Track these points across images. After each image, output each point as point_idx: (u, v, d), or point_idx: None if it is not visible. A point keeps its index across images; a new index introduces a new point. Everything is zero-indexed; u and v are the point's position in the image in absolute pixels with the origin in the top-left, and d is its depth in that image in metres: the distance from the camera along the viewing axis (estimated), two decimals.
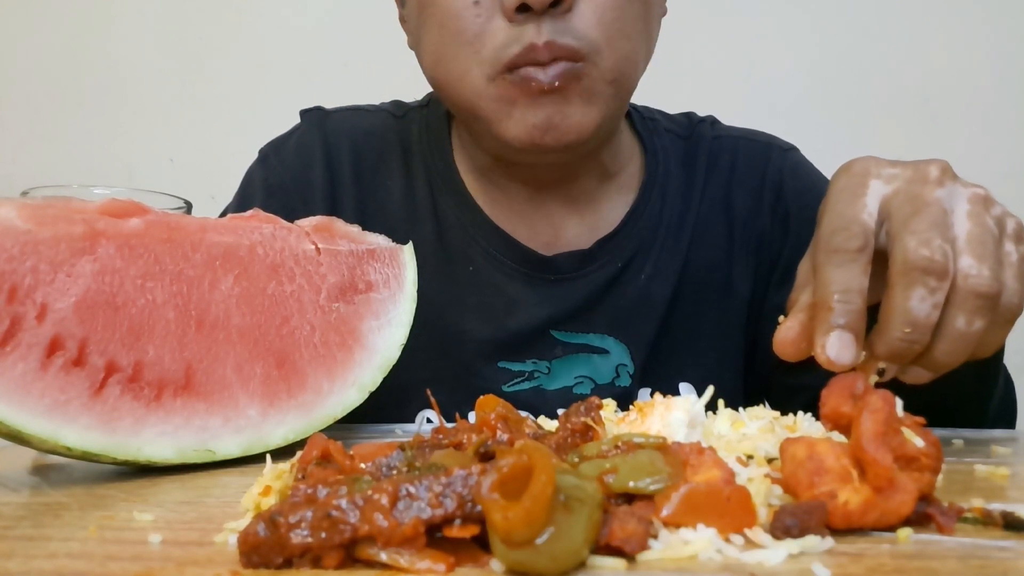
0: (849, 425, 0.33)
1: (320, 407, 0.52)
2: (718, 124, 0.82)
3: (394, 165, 0.77)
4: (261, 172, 0.78)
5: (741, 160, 0.79)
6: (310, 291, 0.54)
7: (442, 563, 0.26)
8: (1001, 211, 0.44)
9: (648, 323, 0.73)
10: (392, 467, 0.33)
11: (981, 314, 0.41)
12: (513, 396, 0.71)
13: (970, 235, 0.41)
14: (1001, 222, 0.43)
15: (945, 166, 0.44)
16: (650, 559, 0.27)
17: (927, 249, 0.40)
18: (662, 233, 0.75)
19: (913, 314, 0.40)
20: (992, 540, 0.28)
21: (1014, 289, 0.42)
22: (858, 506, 0.29)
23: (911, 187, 0.43)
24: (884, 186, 0.43)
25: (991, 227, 0.42)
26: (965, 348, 0.41)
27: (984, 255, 0.41)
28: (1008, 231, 0.43)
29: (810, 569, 0.25)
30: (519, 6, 0.60)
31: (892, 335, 0.40)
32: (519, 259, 0.73)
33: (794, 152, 0.81)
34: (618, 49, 0.63)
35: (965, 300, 0.40)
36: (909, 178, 0.43)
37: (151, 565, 0.28)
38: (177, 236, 0.50)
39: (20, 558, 0.29)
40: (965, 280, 0.40)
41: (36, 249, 0.44)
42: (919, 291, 0.40)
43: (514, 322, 0.72)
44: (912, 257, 0.40)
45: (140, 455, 0.45)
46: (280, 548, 0.27)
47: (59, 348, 0.44)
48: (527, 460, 0.26)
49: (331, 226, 0.58)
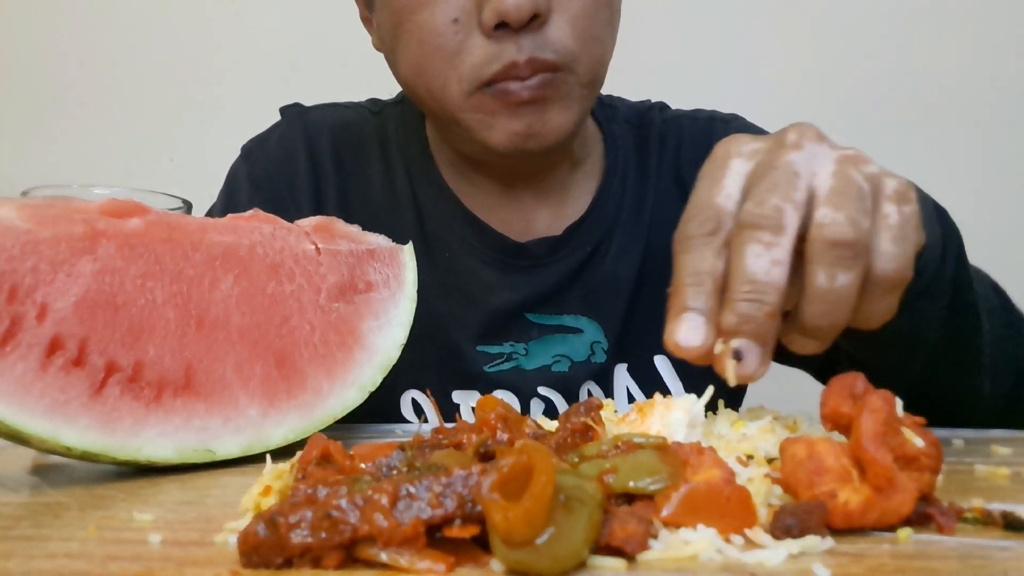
0: (849, 425, 0.33)
1: (320, 407, 0.52)
2: (667, 108, 0.85)
3: (373, 156, 0.80)
4: (246, 167, 0.81)
5: (687, 138, 0.81)
6: (310, 291, 0.54)
7: (442, 563, 0.26)
8: (877, 170, 0.40)
9: (618, 302, 0.76)
10: (392, 467, 0.33)
11: (842, 266, 0.37)
12: (495, 377, 0.74)
13: (830, 189, 0.38)
14: (876, 180, 0.40)
15: (807, 129, 0.41)
16: (650, 559, 0.27)
17: (759, 207, 0.37)
18: (624, 218, 0.78)
19: (750, 271, 0.37)
20: (992, 540, 0.28)
21: (890, 253, 0.38)
22: (858, 506, 0.29)
23: (767, 157, 0.40)
24: (745, 163, 0.41)
25: (858, 182, 0.39)
26: (836, 308, 0.38)
27: (842, 204, 0.38)
28: (886, 191, 0.40)
29: (810, 569, 0.25)
30: (498, 24, 0.61)
31: (733, 298, 0.37)
32: (493, 246, 0.76)
33: (736, 119, 0.83)
34: (592, 54, 0.65)
35: (822, 253, 0.37)
36: (767, 149, 0.41)
37: (151, 565, 0.28)
38: (177, 236, 0.50)
39: (20, 558, 0.29)
40: (819, 230, 0.37)
41: (36, 249, 0.44)
42: (753, 247, 0.37)
43: (490, 307, 0.75)
44: (743, 217, 0.38)
45: (140, 455, 0.45)
46: (280, 548, 0.27)
47: (59, 348, 0.44)
48: (527, 460, 0.26)
49: (331, 226, 0.58)
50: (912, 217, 0.39)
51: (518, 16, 0.60)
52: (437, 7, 0.63)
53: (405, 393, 0.74)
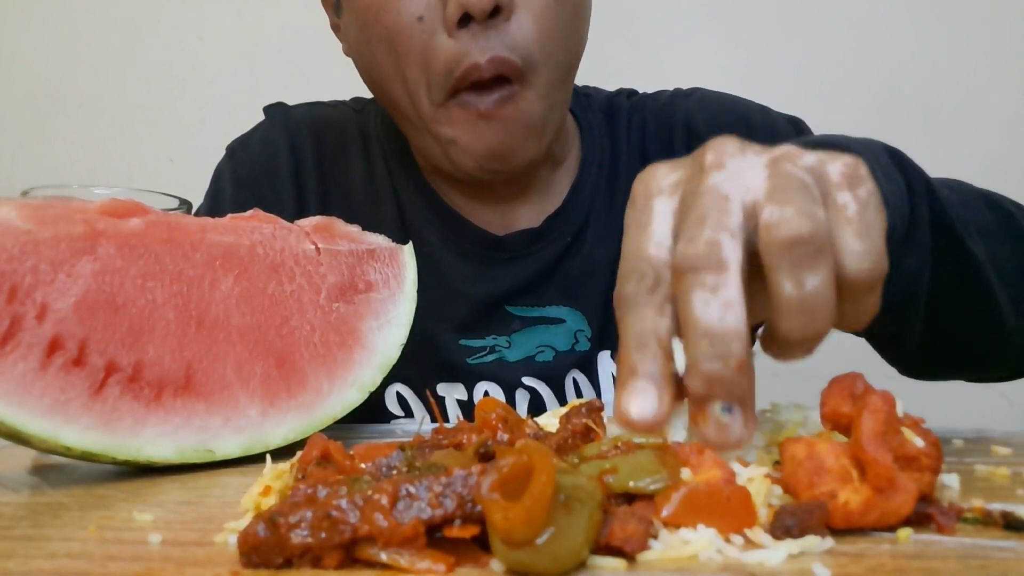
0: (849, 425, 0.33)
1: (320, 407, 0.52)
2: (636, 94, 0.86)
3: (354, 151, 0.81)
4: (229, 166, 0.82)
5: (650, 117, 0.81)
6: (310, 291, 0.54)
7: (442, 563, 0.26)
8: (815, 160, 0.35)
9: (598, 288, 0.76)
10: (392, 467, 0.33)
11: (806, 267, 0.32)
12: (478, 369, 0.75)
13: (768, 191, 0.33)
14: (818, 169, 0.35)
15: (725, 144, 0.36)
16: (650, 559, 0.27)
17: (691, 246, 0.33)
18: (599, 202, 0.78)
19: (702, 323, 0.32)
20: (992, 540, 0.28)
21: (859, 251, 0.33)
22: (858, 506, 0.29)
23: (690, 186, 0.35)
24: (668, 200, 0.36)
25: (799, 175, 0.34)
26: (813, 316, 0.32)
27: (787, 199, 0.33)
28: (833, 178, 0.35)
29: (810, 569, 0.25)
30: (461, 18, 0.61)
31: (694, 359, 0.32)
32: (473, 241, 0.76)
33: (697, 90, 0.84)
34: (555, 53, 0.66)
35: (779, 255, 0.32)
36: (688, 177, 0.36)
37: (151, 565, 0.28)
38: (177, 236, 0.50)
39: (20, 558, 0.29)
40: (769, 232, 0.32)
41: (36, 249, 0.44)
42: (698, 294, 0.32)
43: (471, 301, 0.75)
44: (678, 262, 0.33)
45: (140, 455, 0.45)
46: (280, 548, 0.27)
47: (59, 348, 0.44)
48: (527, 460, 0.26)
49: (331, 226, 0.58)
50: (871, 199, 0.34)
51: (480, 7, 0.60)
52: (402, 6, 0.63)
53: (390, 387, 0.74)
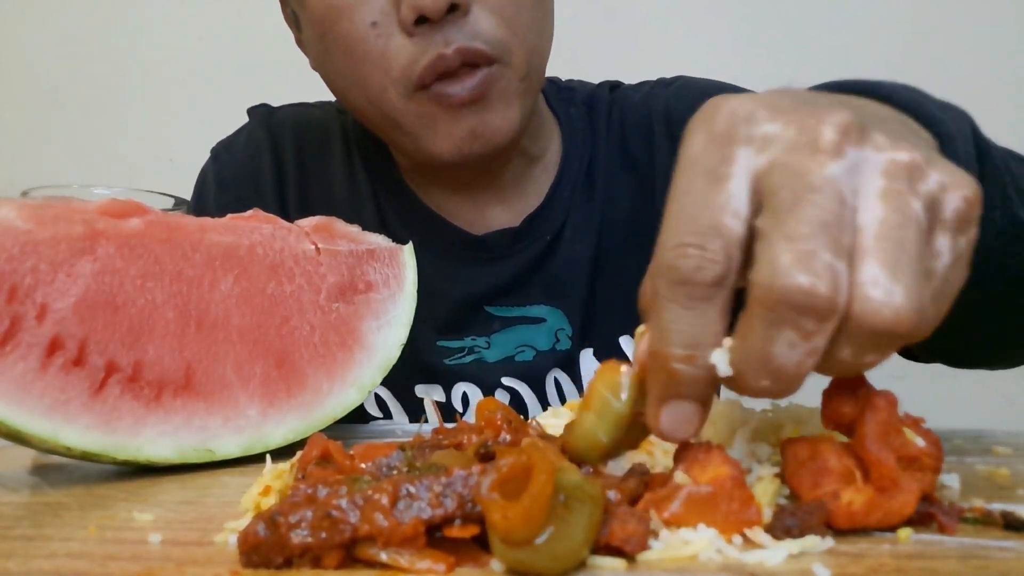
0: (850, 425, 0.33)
1: (320, 407, 0.52)
2: (618, 86, 0.84)
3: (336, 153, 0.81)
4: (214, 168, 0.82)
5: (629, 109, 0.80)
6: (310, 291, 0.54)
7: (442, 563, 0.26)
8: (936, 184, 0.28)
9: (578, 285, 0.75)
10: (392, 467, 0.33)
11: (878, 351, 0.28)
12: (456, 370, 0.74)
13: (881, 228, 0.27)
14: (934, 202, 0.28)
15: (845, 121, 0.28)
16: (650, 559, 0.27)
17: (805, 274, 0.26)
18: (578, 197, 0.77)
19: (776, 363, 0.27)
20: (992, 540, 0.28)
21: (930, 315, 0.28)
22: (862, 506, 0.28)
23: (793, 159, 0.28)
24: (756, 156, 0.29)
25: (916, 213, 0.28)
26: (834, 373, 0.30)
27: (899, 264, 0.27)
28: (945, 215, 0.29)
29: (810, 569, 0.25)
30: (417, 19, 0.60)
31: (747, 385, 0.28)
32: (452, 241, 0.76)
33: (680, 78, 0.83)
34: (525, 42, 0.65)
35: (858, 334, 0.27)
36: (791, 143, 0.28)
37: (151, 565, 0.28)
38: (177, 236, 0.50)
39: (20, 558, 0.29)
40: (864, 305, 0.26)
41: (36, 249, 0.44)
42: (787, 335, 0.27)
43: (450, 302, 0.75)
44: (782, 284, 0.26)
45: (140, 455, 0.45)
46: (280, 548, 0.27)
47: (59, 348, 0.44)
48: (527, 460, 0.26)
49: (331, 226, 0.58)
50: (966, 252, 0.30)
51: (435, 7, 0.59)
52: (355, 13, 0.63)
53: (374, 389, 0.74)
